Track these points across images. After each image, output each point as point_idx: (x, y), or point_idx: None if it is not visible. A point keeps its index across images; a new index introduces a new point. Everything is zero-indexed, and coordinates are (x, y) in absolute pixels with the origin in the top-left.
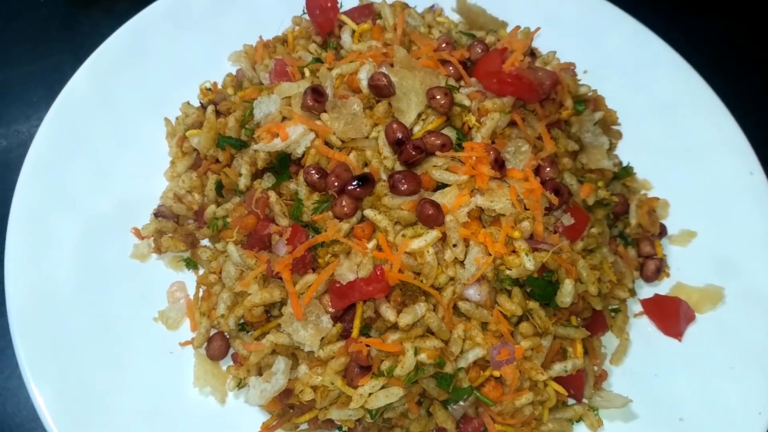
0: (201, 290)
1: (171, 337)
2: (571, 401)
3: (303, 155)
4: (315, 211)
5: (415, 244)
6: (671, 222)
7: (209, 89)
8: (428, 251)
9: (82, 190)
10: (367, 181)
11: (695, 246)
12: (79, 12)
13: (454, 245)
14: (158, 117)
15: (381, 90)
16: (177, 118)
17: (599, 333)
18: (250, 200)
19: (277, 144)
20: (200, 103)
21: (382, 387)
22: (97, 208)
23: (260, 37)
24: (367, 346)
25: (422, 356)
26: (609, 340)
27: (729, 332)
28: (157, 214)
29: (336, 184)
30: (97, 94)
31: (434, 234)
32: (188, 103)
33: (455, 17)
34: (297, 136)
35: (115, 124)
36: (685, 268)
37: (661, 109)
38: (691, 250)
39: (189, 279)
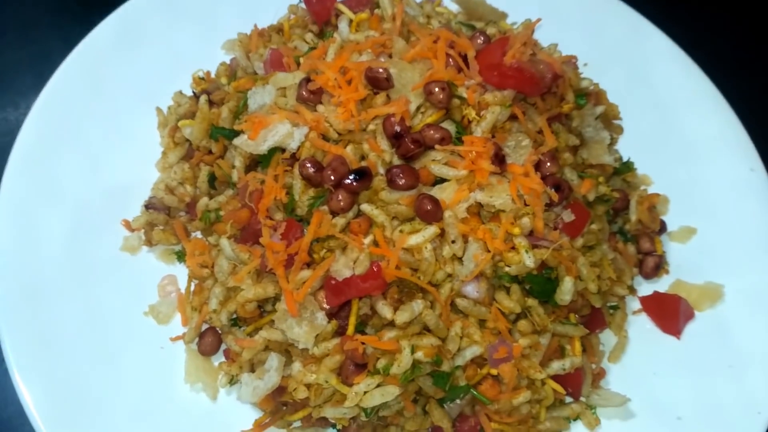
0: (192, 284)
1: (162, 332)
2: (568, 399)
3: (298, 149)
4: (311, 206)
5: (413, 240)
6: (671, 218)
7: (202, 78)
8: (426, 247)
9: (71, 181)
10: (364, 175)
11: (695, 243)
12: None
13: (453, 241)
14: (150, 106)
15: (379, 82)
16: (169, 108)
17: (597, 330)
18: (243, 193)
19: (260, 145)
20: (193, 92)
21: (378, 385)
22: (87, 199)
23: (255, 26)
24: (363, 343)
25: (419, 354)
26: (607, 338)
27: (728, 330)
28: (148, 206)
29: (332, 177)
30: (87, 82)
31: (432, 230)
32: (181, 92)
33: (454, 7)
34: (283, 136)
35: (106, 113)
36: (684, 265)
37: (661, 104)
38: (690, 246)
39: (180, 272)
